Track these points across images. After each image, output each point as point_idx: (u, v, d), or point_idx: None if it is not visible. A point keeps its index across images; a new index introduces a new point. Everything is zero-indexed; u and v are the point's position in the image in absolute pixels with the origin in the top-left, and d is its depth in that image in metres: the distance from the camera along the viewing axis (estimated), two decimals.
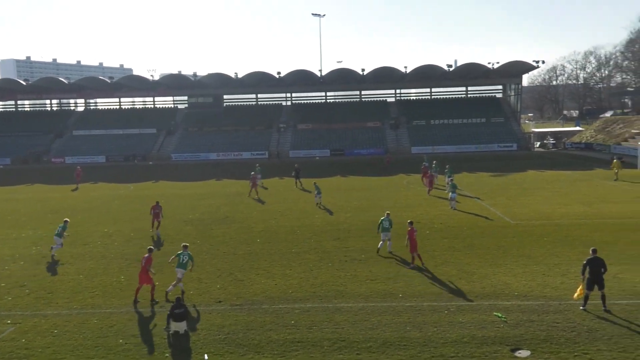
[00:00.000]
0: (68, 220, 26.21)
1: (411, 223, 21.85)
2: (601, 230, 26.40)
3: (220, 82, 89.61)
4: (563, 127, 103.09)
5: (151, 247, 19.69)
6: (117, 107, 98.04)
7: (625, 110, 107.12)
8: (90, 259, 23.95)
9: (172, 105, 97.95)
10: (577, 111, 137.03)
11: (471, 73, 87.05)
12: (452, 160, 53.01)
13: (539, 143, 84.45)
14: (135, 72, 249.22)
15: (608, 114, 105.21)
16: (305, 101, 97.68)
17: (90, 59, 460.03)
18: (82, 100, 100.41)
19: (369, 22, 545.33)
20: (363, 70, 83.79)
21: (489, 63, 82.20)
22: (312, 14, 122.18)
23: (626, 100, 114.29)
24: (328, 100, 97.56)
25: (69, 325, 16.34)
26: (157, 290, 18.46)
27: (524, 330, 14.97)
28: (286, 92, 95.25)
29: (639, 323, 15.22)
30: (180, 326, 15.35)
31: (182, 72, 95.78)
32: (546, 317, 15.81)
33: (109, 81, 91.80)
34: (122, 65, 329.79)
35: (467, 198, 36.91)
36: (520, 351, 13.79)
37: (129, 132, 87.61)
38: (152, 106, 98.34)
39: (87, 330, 15.95)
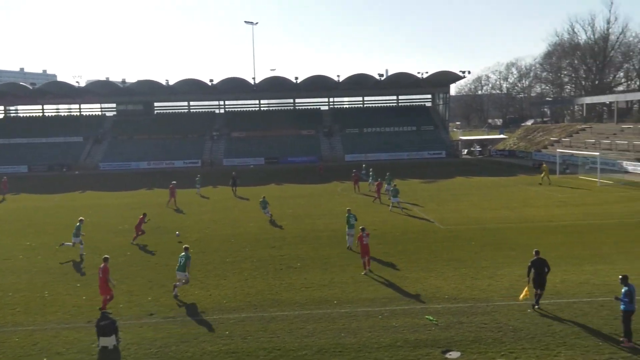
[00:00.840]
0: (83, 219, 26.19)
1: (363, 229, 22.09)
2: (525, 234, 27.72)
3: (151, 89, 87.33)
4: (488, 135, 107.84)
5: (106, 256, 18.52)
6: (40, 114, 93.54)
7: (545, 119, 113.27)
8: (12, 274, 22.67)
9: (100, 113, 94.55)
10: (500, 120, 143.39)
11: (402, 82, 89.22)
12: (385, 168, 54.12)
13: (466, 150, 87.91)
14: (59, 78, 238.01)
15: (529, 123, 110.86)
16: (239, 109, 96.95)
17: (9, 64, 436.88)
18: (2, 107, 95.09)
19: (302, 31, 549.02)
20: (297, 78, 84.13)
21: (419, 73, 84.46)
22: (245, 22, 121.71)
23: (545, 109, 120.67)
24: (262, 108, 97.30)
25: None
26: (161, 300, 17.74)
27: (454, 332, 15.46)
28: (219, 100, 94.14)
29: (559, 321, 16.06)
30: (108, 341, 14.77)
31: (110, 79, 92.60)
32: (475, 319, 16.39)
33: (30, 87, 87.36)
34: (45, 71, 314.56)
35: (403, 204, 37.68)
36: (450, 353, 14.21)
37: (54, 141, 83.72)
38: (79, 114, 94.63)
39: (8, 349, 15.08)
